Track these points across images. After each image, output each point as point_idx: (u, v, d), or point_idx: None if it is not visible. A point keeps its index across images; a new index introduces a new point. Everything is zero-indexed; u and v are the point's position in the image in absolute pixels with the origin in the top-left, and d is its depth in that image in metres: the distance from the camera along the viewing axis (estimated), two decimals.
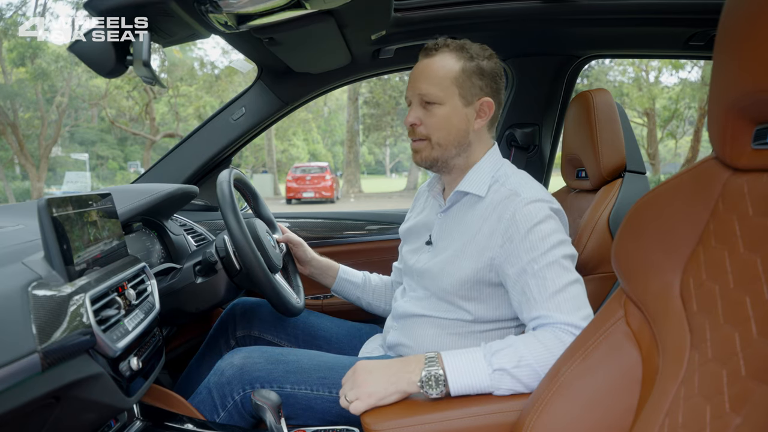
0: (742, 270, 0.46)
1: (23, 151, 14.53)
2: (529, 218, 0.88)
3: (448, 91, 0.97)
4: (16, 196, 15.10)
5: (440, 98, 0.97)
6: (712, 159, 0.53)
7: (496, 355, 0.78)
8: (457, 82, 0.97)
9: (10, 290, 0.58)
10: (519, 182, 0.96)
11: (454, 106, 0.98)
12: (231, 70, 17.27)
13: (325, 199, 14.81)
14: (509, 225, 0.90)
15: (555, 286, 0.84)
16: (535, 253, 0.86)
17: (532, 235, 0.87)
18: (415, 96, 1.00)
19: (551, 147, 1.74)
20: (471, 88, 0.98)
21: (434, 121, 0.98)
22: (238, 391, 0.96)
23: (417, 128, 1.00)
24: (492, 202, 0.96)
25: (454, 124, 0.98)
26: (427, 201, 1.16)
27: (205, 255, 1.09)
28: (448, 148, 1.00)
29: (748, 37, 0.43)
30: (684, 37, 1.44)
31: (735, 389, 0.42)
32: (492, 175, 1.00)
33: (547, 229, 0.88)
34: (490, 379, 0.76)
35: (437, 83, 0.97)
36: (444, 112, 0.98)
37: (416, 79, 1.00)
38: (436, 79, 0.97)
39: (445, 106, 0.97)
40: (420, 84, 0.98)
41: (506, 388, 0.77)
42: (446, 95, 0.97)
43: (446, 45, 0.99)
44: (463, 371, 0.77)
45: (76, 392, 0.63)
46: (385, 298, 1.31)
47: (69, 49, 0.90)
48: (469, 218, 0.99)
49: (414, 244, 1.12)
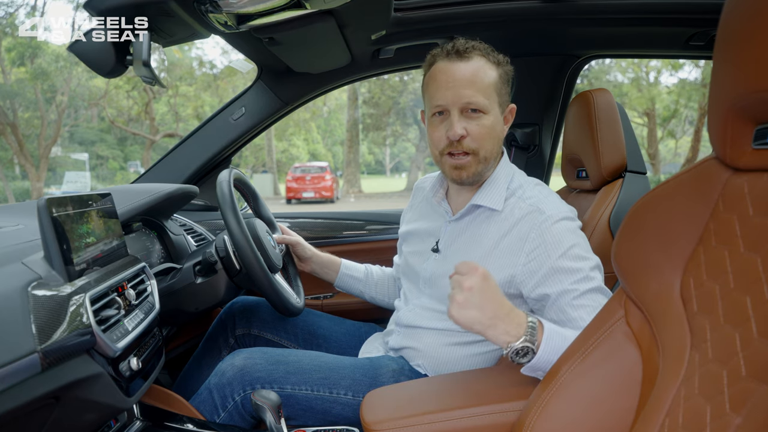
0: (743, 270, 0.46)
1: (23, 151, 14.52)
2: (561, 241, 0.86)
3: (491, 99, 0.92)
4: (16, 196, 15.09)
5: (486, 107, 0.91)
6: (712, 159, 0.53)
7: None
8: (497, 90, 0.93)
9: (10, 290, 0.58)
10: (539, 197, 0.94)
11: (496, 115, 0.93)
12: (230, 70, 17.27)
13: (325, 199, 14.81)
14: (537, 245, 0.87)
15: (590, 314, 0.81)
16: (577, 276, 0.84)
17: (567, 260, 0.85)
18: (457, 104, 0.91)
19: (551, 147, 1.74)
20: (505, 95, 0.95)
21: (482, 132, 0.92)
22: (238, 392, 0.96)
23: (464, 140, 0.92)
24: (512, 217, 0.93)
25: (497, 134, 0.94)
26: (427, 202, 1.14)
27: (205, 255, 1.09)
28: (489, 161, 0.95)
29: (748, 37, 0.43)
30: (684, 37, 1.44)
31: (735, 389, 0.42)
32: (507, 186, 0.97)
33: (581, 252, 0.86)
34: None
35: (483, 90, 0.91)
36: (490, 122, 0.92)
37: (458, 84, 0.90)
38: (482, 85, 0.90)
39: (490, 116, 0.92)
40: (465, 90, 0.90)
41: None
42: (491, 104, 0.92)
43: (476, 48, 0.93)
44: (554, 350, 0.72)
45: (76, 392, 0.63)
46: (388, 291, 1.31)
47: (69, 49, 0.90)
48: (485, 231, 0.96)
49: (416, 246, 1.11)
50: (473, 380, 0.85)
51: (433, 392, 0.83)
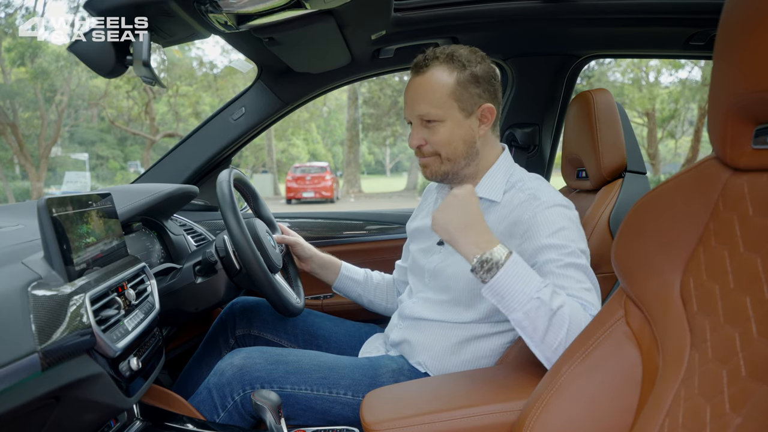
0: (743, 270, 0.46)
1: (23, 151, 14.52)
2: (553, 222, 0.89)
3: (446, 107, 0.95)
4: (16, 196, 15.09)
5: (440, 116, 0.96)
6: (712, 159, 0.53)
7: (548, 289, 0.79)
8: (455, 96, 0.95)
9: (10, 290, 0.58)
10: (537, 186, 0.97)
11: (456, 120, 0.97)
12: (230, 70, 17.26)
13: (325, 199, 14.80)
14: (530, 226, 0.90)
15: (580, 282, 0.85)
16: (563, 251, 0.86)
17: (555, 238, 0.88)
18: (414, 117, 0.98)
19: (551, 147, 1.74)
20: (469, 98, 0.96)
21: (438, 138, 0.97)
22: (238, 392, 0.96)
23: (423, 148, 1.00)
24: (509, 205, 0.96)
25: (459, 137, 0.98)
26: (436, 202, 1.15)
27: (205, 255, 1.09)
28: (457, 160, 0.99)
29: (748, 37, 0.43)
30: (684, 37, 1.44)
31: (735, 389, 0.42)
32: (506, 180, 1.00)
33: (571, 235, 0.89)
34: (528, 299, 0.77)
35: (434, 102, 0.95)
36: (447, 128, 0.97)
37: (412, 100, 0.98)
38: (432, 97, 0.95)
39: (447, 123, 0.96)
40: (417, 105, 0.97)
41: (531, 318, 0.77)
42: (446, 112, 0.96)
43: (435, 58, 0.96)
44: (518, 276, 0.78)
45: (76, 392, 0.63)
46: (386, 296, 1.30)
47: (69, 49, 0.90)
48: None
49: (424, 243, 1.12)
50: (473, 380, 0.85)
51: (433, 392, 0.83)
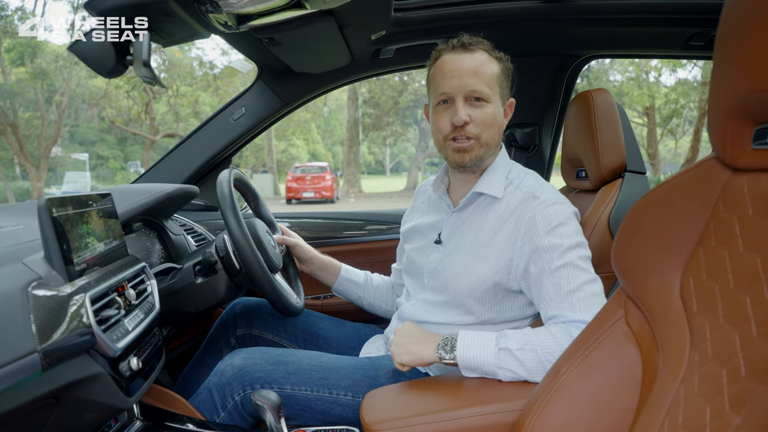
0: (742, 270, 0.46)
1: (23, 151, 14.51)
2: (550, 220, 0.90)
3: (493, 90, 0.97)
4: (16, 196, 15.08)
5: (489, 96, 0.96)
6: (712, 159, 0.53)
7: (505, 337, 0.83)
8: (499, 82, 0.98)
9: (10, 290, 0.58)
10: (534, 184, 0.98)
11: (498, 105, 0.99)
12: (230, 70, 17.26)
13: (325, 199, 14.80)
14: (529, 227, 0.92)
15: (570, 286, 0.86)
16: (554, 253, 0.88)
17: (551, 236, 0.89)
18: (462, 92, 0.96)
19: (551, 147, 1.74)
20: (506, 89, 1.00)
21: (485, 119, 0.97)
22: (238, 392, 0.96)
23: (468, 127, 0.96)
24: (510, 204, 0.97)
25: (498, 123, 0.99)
26: (430, 200, 1.15)
27: (205, 255, 1.09)
28: (490, 147, 1.00)
29: (748, 37, 0.43)
30: (684, 37, 1.44)
31: (735, 389, 0.42)
32: (506, 176, 1.01)
33: (567, 231, 0.90)
34: (495, 357, 0.81)
35: (486, 80, 0.96)
36: (492, 110, 0.97)
37: (463, 74, 0.95)
38: (485, 76, 0.96)
39: (492, 105, 0.97)
40: (470, 79, 0.95)
41: (507, 369, 0.81)
42: (493, 94, 0.97)
43: (481, 43, 0.98)
44: (473, 343, 0.84)
45: (76, 392, 0.63)
46: (386, 298, 1.30)
47: (69, 49, 0.90)
48: (486, 219, 0.99)
49: (419, 242, 1.12)
50: (473, 380, 0.85)
51: (432, 392, 0.83)
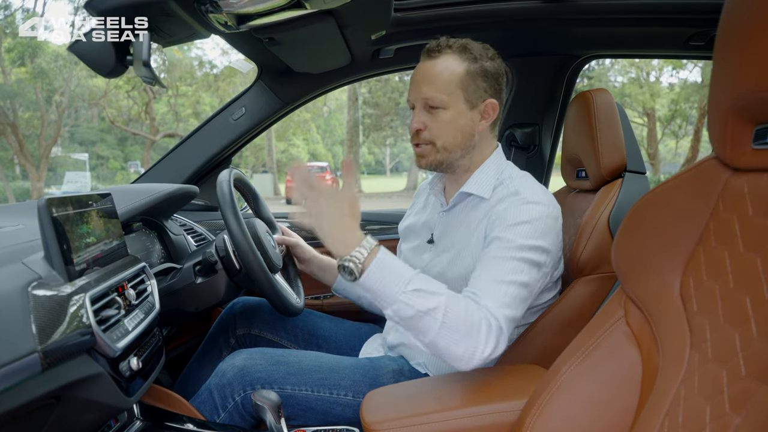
0: (742, 270, 0.46)
1: (23, 151, 14.52)
2: (518, 216, 0.88)
3: (452, 95, 0.95)
4: (16, 196, 15.09)
5: (445, 102, 0.95)
6: (712, 159, 0.53)
7: (421, 281, 0.77)
8: (462, 85, 0.95)
9: (10, 290, 0.58)
10: (521, 183, 0.96)
11: (459, 109, 0.96)
12: (230, 70, 17.25)
13: None
14: (498, 216, 0.90)
15: (500, 276, 0.84)
16: (505, 245, 0.86)
17: (511, 230, 0.87)
18: (418, 100, 0.97)
19: (551, 147, 1.74)
20: (476, 90, 0.96)
21: (439, 125, 0.96)
22: (238, 392, 0.96)
23: (422, 133, 0.98)
24: (493, 203, 0.96)
25: (459, 127, 0.97)
26: (427, 199, 1.16)
27: (205, 255, 1.09)
28: (453, 151, 0.99)
29: (748, 37, 0.43)
30: (684, 37, 1.44)
31: (735, 389, 0.42)
32: (497, 177, 1.00)
33: (527, 230, 0.87)
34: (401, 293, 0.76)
35: (441, 87, 0.94)
36: (449, 116, 0.96)
37: (419, 82, 0.96)
38: (440, 82, 0.94)
39: (450, 111, 0.95)
40: (424, 88, 0.96)
41: (402, 314, 0.76)
42: (451, 99, 0.95)
43: (449, 46, 0.96)
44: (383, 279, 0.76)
45: (76, 392, 0.63)
46: None
47: (69, 49, 0.90)
48: (472, 218, 0.99)
49: (414, 242, 1.12)
50: (473, 380, 0.85)
51: (432, 392, 0.83)
